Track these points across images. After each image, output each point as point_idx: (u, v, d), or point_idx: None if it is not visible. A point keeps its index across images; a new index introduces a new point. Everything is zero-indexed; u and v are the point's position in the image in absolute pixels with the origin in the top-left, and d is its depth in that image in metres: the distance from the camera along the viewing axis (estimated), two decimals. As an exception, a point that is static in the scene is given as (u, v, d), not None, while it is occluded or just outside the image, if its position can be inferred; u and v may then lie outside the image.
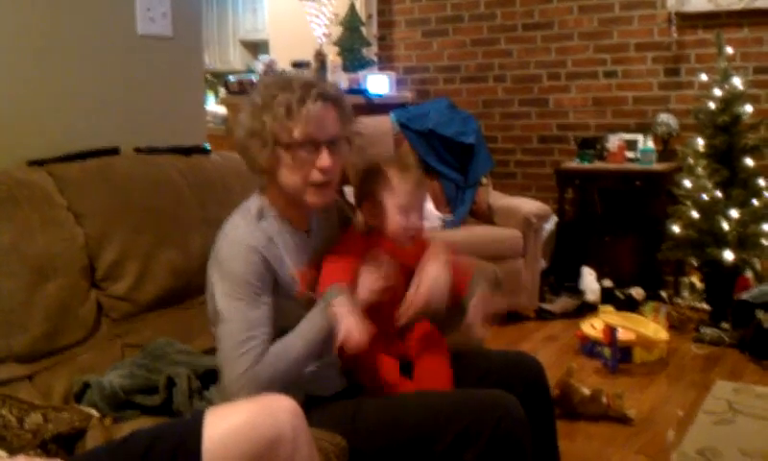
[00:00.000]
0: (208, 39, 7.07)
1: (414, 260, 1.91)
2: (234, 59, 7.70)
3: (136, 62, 2.60)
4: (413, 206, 1.91)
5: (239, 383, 1.66)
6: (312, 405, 1.70)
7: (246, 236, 1.78)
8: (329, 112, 1.80)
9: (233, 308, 1.72)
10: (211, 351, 1.93)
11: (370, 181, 1.94)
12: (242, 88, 4.96)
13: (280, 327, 1.75)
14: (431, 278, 1.84)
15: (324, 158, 1.77)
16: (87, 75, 2.45)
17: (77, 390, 1.82)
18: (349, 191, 2.06)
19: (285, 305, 1.78)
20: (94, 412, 1.68)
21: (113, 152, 2.34)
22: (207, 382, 1.89)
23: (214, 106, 5.74)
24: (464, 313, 1.90)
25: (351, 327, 1.66)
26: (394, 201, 1.90)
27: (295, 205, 1.84)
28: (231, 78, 5.26)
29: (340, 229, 2.00)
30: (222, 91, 5.49)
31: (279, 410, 1.36)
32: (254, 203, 1.86)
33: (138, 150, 2.44)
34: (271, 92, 1.77)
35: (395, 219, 1.90)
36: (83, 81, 2.43)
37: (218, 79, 5.98)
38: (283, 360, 1.71)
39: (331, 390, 1.83)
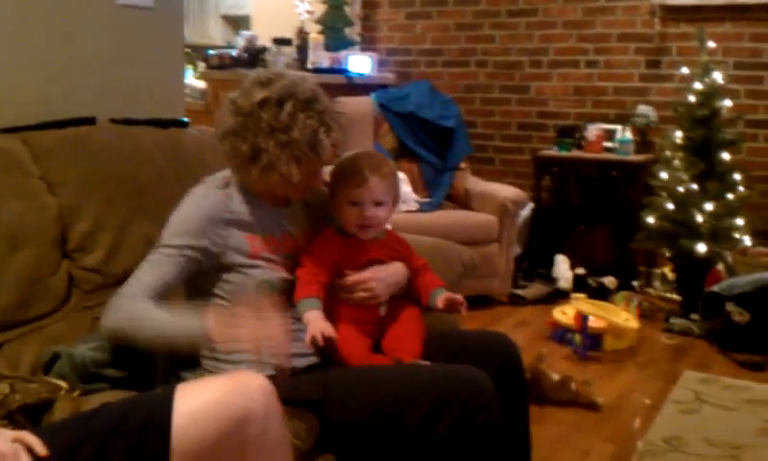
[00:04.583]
0: (188, 13, 6.97)
1: (386, 255, 1.92)
2: (214, 33, 7.61)
3: (115, 32, 2.56)
4: (362, 199, 1.87)
5: (111, 299, 1.71)
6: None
7: (199, 197, 1.81)
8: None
9: (157, 253, 1.76)
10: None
11: (331, 178, 1.94)
12: (222, 63, 4.91)
13: (238, 284, 1.77)
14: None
15: (325, 174, 1.87)
16: (64, 43, 2.41)
17: (46, 360, 1.80)
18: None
19: (240, 267, 1.78)
20: (62, 384, 1.66)
21: (89, 122, 2.31)
22: (181, 361, 1.87)
23: (193, 80, 5.67)
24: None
25: (320, 330, 1.70)
26: (344, 194, 1.89)
27: (271, 192, 1.85)
28: (211, 52, 5.20)
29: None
30: (201, 66, 5.43)
31: (251, 388, 1.35)
32: (224, 173, 1.88)
33: (114, 121, 2.41)
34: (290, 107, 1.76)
35: (345, 212, 1.89)
36: (59, 49, 2.39)
37: (197, 53, 5.90)
38: (136, 322, 1.67)
39: (304, 363, 1.81)
